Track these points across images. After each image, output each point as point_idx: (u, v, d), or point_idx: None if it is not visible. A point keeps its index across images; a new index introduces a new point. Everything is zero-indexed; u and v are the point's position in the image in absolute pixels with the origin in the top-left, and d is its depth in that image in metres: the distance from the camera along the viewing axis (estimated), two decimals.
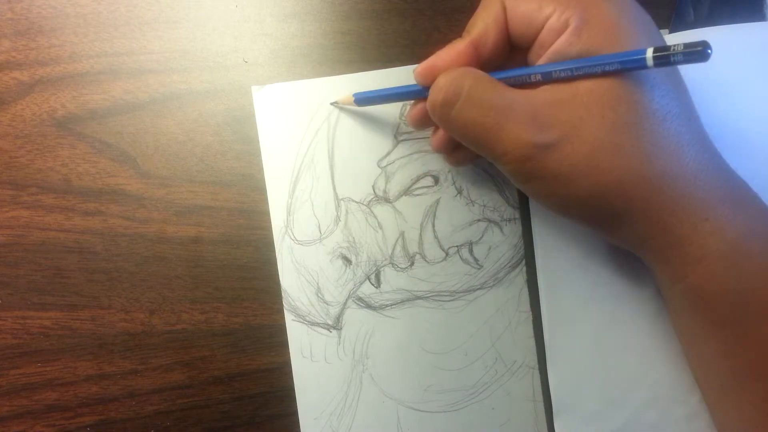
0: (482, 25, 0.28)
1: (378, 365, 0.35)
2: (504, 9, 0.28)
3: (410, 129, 0.35)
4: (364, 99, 0.34)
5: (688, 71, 0.34)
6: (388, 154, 0.36)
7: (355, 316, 0.35)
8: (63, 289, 0.35)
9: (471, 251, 0.36)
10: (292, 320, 0.35)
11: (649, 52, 0.24)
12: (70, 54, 0.36)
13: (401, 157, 0.35)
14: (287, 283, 0.35)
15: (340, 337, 0.35)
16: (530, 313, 0.35)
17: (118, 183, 0.36)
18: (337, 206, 0.35)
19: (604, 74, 0.25)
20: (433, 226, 0.36)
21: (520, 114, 0.26)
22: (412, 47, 0.36)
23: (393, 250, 0.36)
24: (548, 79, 0.26)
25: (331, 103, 0.35)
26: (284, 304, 0.35)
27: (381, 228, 0.36)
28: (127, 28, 0.36)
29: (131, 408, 0.35)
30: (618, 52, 0.25)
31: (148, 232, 0.35)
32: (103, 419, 0.35)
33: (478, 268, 0.36)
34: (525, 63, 0.29)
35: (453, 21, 0.36)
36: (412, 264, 0.36)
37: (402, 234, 0.36)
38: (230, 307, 0.35)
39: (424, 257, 0.36)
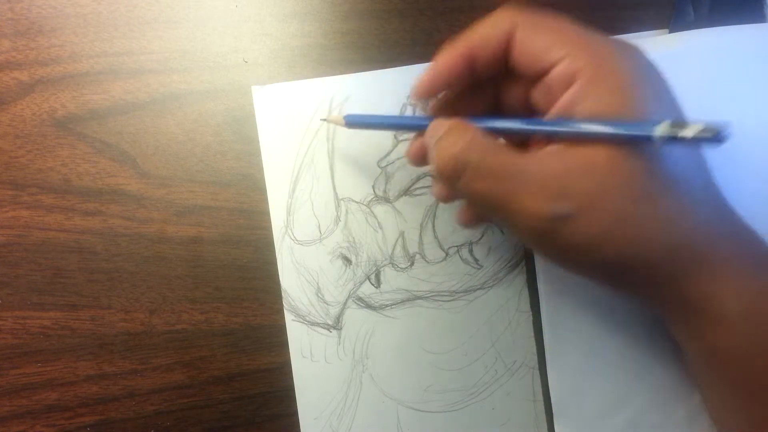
0: (482, 39, 0.27)
1: (378, 365, 0.35)
2: (510, 34, 0.26)
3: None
4: (355, 121, 0.32)
5: (689, 72, 0.34)
6: (388, 154, 0.36)
7: (355, 316, 0.35)
8: (63, 289, 0.35)
9: (471, 251, 0.36)
10: (292, 320, 0.35)
11: (664, 127, 0.22)
12: (70, 54, 0.36)
13: (401, 157, 0.35)
14: (287, 283, 0.35)
15: (340, 337, 0.35)
16: (530, 313, 0.35)
17: (118, 183, 0.36)
18: (337, 206, 0.35)
19: (615, 142, 0.24)
20: (433, 226, 0.36)
21: (531, 184, 0.25)
22: (412, 47, 0.36)
23: (393, 250, 0.36)
24: (553, 139, 0.25)
25: (321, 120, 0.35)
26: (284, 304, 0.35)
27: (381, 228, 0.36)
28: (127, 28, 0.36)
29: (131, 408, 0.35)
30: (628, 116, 0.24)
31: (148, 232, 0.35)
32: (103, 419, 0.35)
33: (478, 268, 0.36)
34: (525, 96, 0.28)
35: (453, 21, 0.36)
36: (412, 264, 0.36)
37: (402, 234, 0.36)
38: (230, 307, 0.35)
39: (424, 257, 0.36)
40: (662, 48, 0.34)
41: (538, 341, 0.35)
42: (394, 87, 0.35)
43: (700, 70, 0.33)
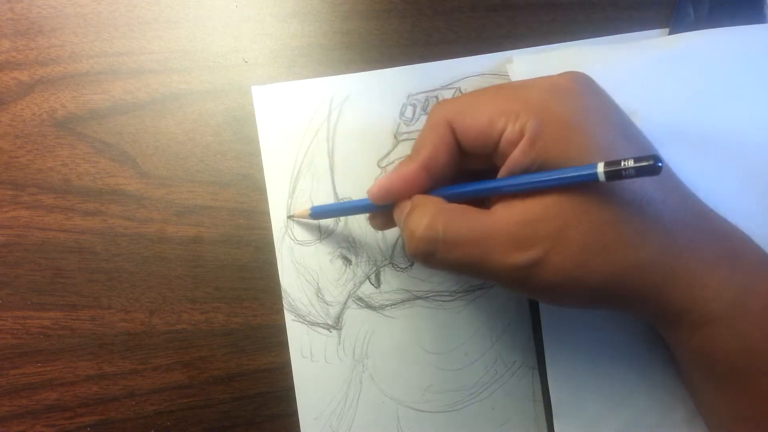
0: (431, 148, 0.28)
1: (378, 365, 0.35)
2: (451, 129, 0.28)
3: (410, 129, 0.35)
4: (320, 212, 0.34)
5: (689, 72, 0.34)
6: (388, 154, 0.36)
7: (355, 316, 0.35)
8: (63, 289, 0.35)
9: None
10: (292, 320, 0.35)
11: (600, 168, 0.23)
12: (70, 54, 0.36)
13: (401, 157, 0.35)
14: (287, 283, 0.35)
15: (340, 337, 0.35)
16: (530, 313, 0.35)
17: (118, 183, 0.36)
18: None
19: (563, 188, 0.25)
20: None
21: (499, 241, 0.26)
22: (412, 47, 0.36)
23: (393, 250, 0.36)
24: (507, 194, 0.27)
25: (288, 217, 0.35)
26: (284, 304, 0.35)
27: None
28: (127, 28, 0.36)
29: (131, 408, 0.35)
30: (573, 157, 0.25)
31: (148, 232, 0.35)
32: (103, 419, 0.35)
33: None
34: (488, 164, 0.29)
35: (453, 21, 0.36)
36: (412, 264, 0.36)
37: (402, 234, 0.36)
38: (230, 307, 0.35)
39: None
40: (662, 48, 0.34)
41: (537, 341, 0.35)
42: (394, 87, 0.35)
43: (700, 71, 0.33)
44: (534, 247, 0.25)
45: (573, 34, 0.36)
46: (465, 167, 0.29)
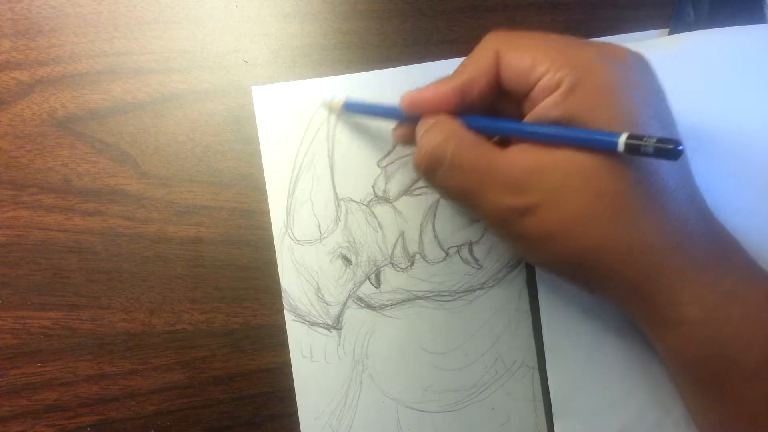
0: (472, 73, 0.28)
1: (378, 365, 0.35)
2: (497, 60, 0.28)
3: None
4: (353, 106, 0.34)
5: (689, 72, 0.34)
6: (388, 154, 0.36)
7: (355, 316, 0.35)
8: (63, 289, 0.35)
9: (471, 251, 0.36)
10: (292, 320, 0.35)
11: (622, 138, 0.23)
12: (70, 54, 0.36)
13: (401, 157, 0.35)
14: (287, 283, 0.35)
15: (340, 337, 0.35)
16: (530, 313, 0.35)
17: (118, 183, 0.36)
18: (337, 206, 0.35)
19: (582, 147, 0.25)
20: (433, 226, 0.36)
21: (500, 179, 0.26)
22: (412, 47, 0.36)
23: (393, 250, 0.36)
24: (525, 139, 0.27)
25: (322, 104, 0.35)
26: (284, 304, 0.35)
27: (381, 228, 0.36)
28: (127, 28, 0.36)
29: (131, 408, 0.35)
30: (601, 122, 0.25)
31: (148, 232, 0.35)
32: (103, 419, 0.35)
33: (478, 268, 0.36)
34: (519, 107, 0.29)
35: (453, 21, 0.36)
36: (412, 264, 0.36)
37: (402, 234, 0.36)
38: (230, 307, 0.35)
39: (424, 257, 0.36)
40: (662, 48, 0.34)
41: (538, 341, 0.35)
42: (394, 87, 0.35)
43: (701, 71, 0.33)
44: (530, 194, 0.26)
45: (572, 34, 0.36)
46: (495, 108, 0.29)
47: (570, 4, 0.37)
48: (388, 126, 0.36)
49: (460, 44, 0.36)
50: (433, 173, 0.28)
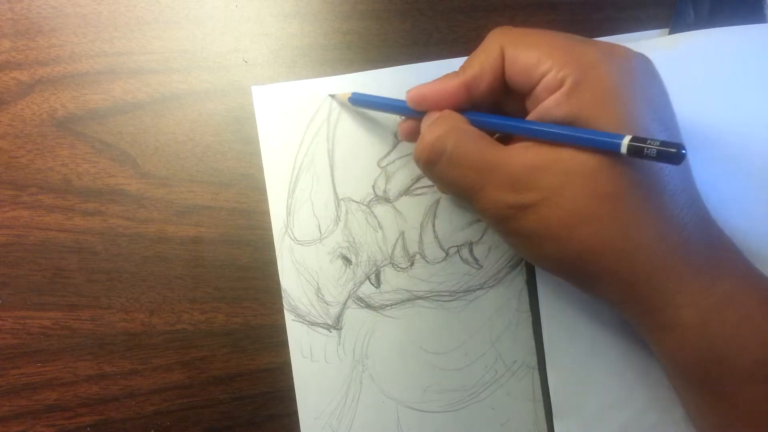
0: (478, 69, 0.28)
1: (378, 365, 0.35)
2: (503, 56, 0.28)
3: None
4: (359, 100, 0.34)
5: (689, 72, 0.34)
6: (388, 154, 0.36)
7: (355, 316, 0.35)
8: (63, 289, 0.35)
9: (471, 251, 0.36)
10: (292, 320, 0.35)
11: (625, 140, 0.23)
12: (70, 54, 0.36)
13: (401, 157, 0.35)
14: (287, 283, 0.35)
15: (340, 337, 0.35)
16: (530, 313, 0.35)
17: (118, 183, 0.36)
18: (337, 206, 0.35)
19: (584, 147, 0.25)
20: (433, 226, 0.36)
21: (500, 176, 0.26)
22: (412, 47, 0.36)
23: (393, 250, 0.36)
24: (528, 138, 0.27)
25: (330, 95, 0.35)
26: (284, 304, 0.35)
27: (381, 228, 0.36)
28: (127, 28, 0.36)
29: (131, 408, 0.35)
30: (603, 123, 0.25)
31: (148, 232, 0.35)
32: (103, 419, 0.35)
33: (478, 268, 0.36)
34: (523, 104, 0.29)
35: (453, 21, 0.36)
36: (412, 264, 0.36)
37: (402, 234, 0.36)
38: (230, 307, 0.35)
39: (424, 257, 0.36)
40: (662, 48, 0.34)
41: (538, 341, 0.35)
42: (394, 87, 0.35)
43: (701, 71, 0.33)
44: (530, 191, 0.26)
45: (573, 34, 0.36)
46: (499, 105, 0.29)
47: (570, 4, 0.37)
48: (388, 125, 0.36)
49: (460, 44, 0.36)
50: (432, 165, 0.28)
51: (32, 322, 0.35)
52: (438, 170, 0.28)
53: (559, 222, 0.25)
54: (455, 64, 0.36)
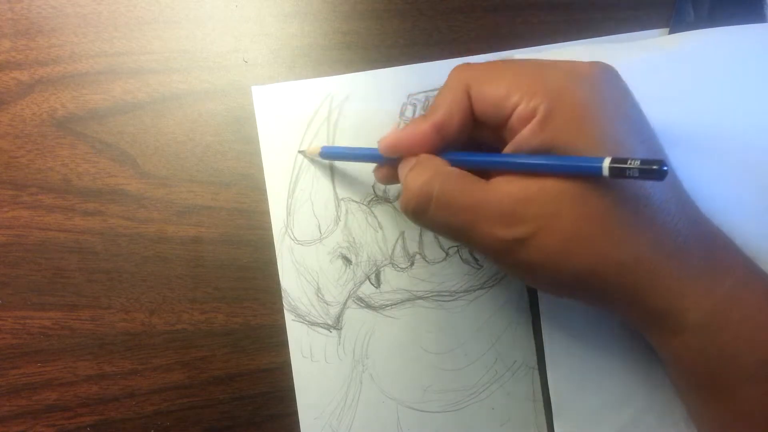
0: (446, 110, 0.28)
1: (378, 365, 0.35)
2: (468, 94, 0.28)
3: None
4: (330, 153, 0.34)
5: (689, 72, 0.34)
6: None
7: (355, 316, 0.35)
8: (63, 289, 0.35)
9: (471, 251, 0.36)
10: (292, 320, 0.35)
11: (606, 163, 0.23)
12: (70, 54, 0.36)
13: None
14: (287, 283, 0.35)
15: (340, 337, 0.35)
16: (530, 313, 0.35)
17: (118, 183, 0.36)
18: (337, 206, 0.35)
19: (565, 174, 0.25)
20: None
21: (490, 212, 0.26)
22: (412, 47, 0.36)
23: (393, 250, 0.36)
24: (509, 171, 0.27)
25: (299, 152, 0.35)
26: (284, 304, 0.35)
27: (381, 228, 0.36)
28: (127, 28, 0.36)
29: (131, 408, 0.35)
30: (581, 147, 0.25)
31: (148, 232, 0.35)
32: (103, 419, 0.35)
33: (478, 268, 0.36)
34: (498, 134, 0.29)
35: (453, 21, 0.36)
36: (412, 264, 0.36)
37: (402, 234, 0.36)
38: (230, 307, 0.35)
39: (424, 257, 0.36)
40: (662, 48, 0.34)
41: (537, 341, 0.35)
42: (393, 87, 0.35)
43: (700, 71, 0.33)
44: (522, 224, 0.26)
45: (573, 34, 0.36)
46: (474, 138, 0.29)
47: (570, 4, 0.37)
48: (389, 125, 0.36)
49: (460, 44, 0.36)
50: (422, 213, 0.28)
51: (32, 322, 0.35)
52: (428, 217, 0.28)
53: (555, 249, 0.26)
54: (455, 64, 0.36)
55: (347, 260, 0.36)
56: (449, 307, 0.35)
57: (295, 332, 0.35)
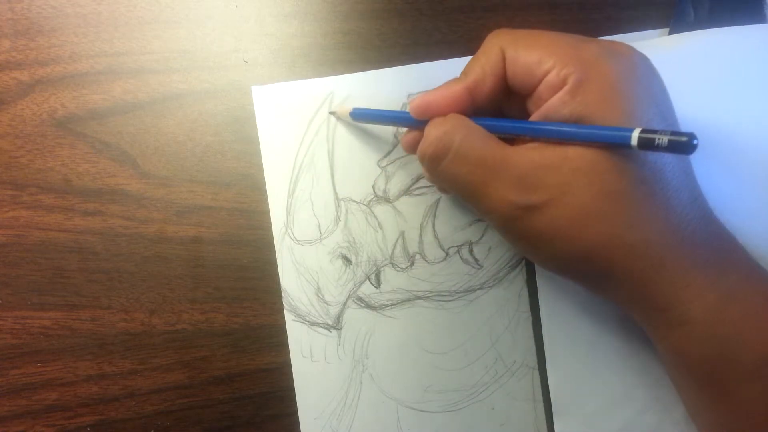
0: (479, 72, 0.28)
1: (378, 365, 0.35)
2: (503, 57, 0.28)
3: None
4: (360, 115, 0.34)
5: (689, 72, 0.34)
6: (388, 154, 0.36)
7: (355, 316, 0.35)
8: (63, 289, 0.35)
9: (471, 251, 0.36)
10: (292, 320, 0.35)
11: (635, 133, 0.23)
12: (70, 54, 0.36)
13: (401, 157, 0.35)
14: (287, 283, 0.35)
15: (340, 337, 0.35)
16: (530, 313, 0.35)
17: (118, 183, 0.36)
18: (337, 206, 0.35)
19: (591, 145, 0.25)
20: (433, 226, 0.36)
21: (508, 174, 0.26)
22: (412, 47, 0.36)
23: (393, 250, 0.36)
24: (535, 138, 0.26)
25: (330, 112, 0.35)
26: (284, 304, 0.35)
27: (381, 228, 0.36)
28: (127, 28, 0.36)
29: (131, 408, 0.35)
30: (609, 119, 0.25)
31: (148, 232, 0.35)
32: (103, 419, 0.35)
33: (478, 268, 0.36)
34: (525, 107, 0.29)
35: (453, 21, 0.36)
36: (412, 264, 0.36)
37: (402, 234, 0.36)
38: (230, 307, 0.35)
39: (424, 257, 0.36)
40: (662, 48, 0.34)
41: (538, 341, 0.35)
42: (394, 87, 0.35)
43: (701, 71, 0.33)
44: (537, 192, 0.25)
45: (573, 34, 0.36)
46: (500, 108, 0.29)
47: (570, 4, 0.37)
48: (388, 126, 0.36)
49: (460, 44, 0.36)
50: (438, 161, 0.28)
51: (32, 322, 0.35)
52: (443, 167, 0.28)
53: (568, 221, 0.25)
54: (455, 64, 0.36)
55: (347, 260, 0.36)
56: (449, 307, 0.35)
57: (295, 332, 0.35)
